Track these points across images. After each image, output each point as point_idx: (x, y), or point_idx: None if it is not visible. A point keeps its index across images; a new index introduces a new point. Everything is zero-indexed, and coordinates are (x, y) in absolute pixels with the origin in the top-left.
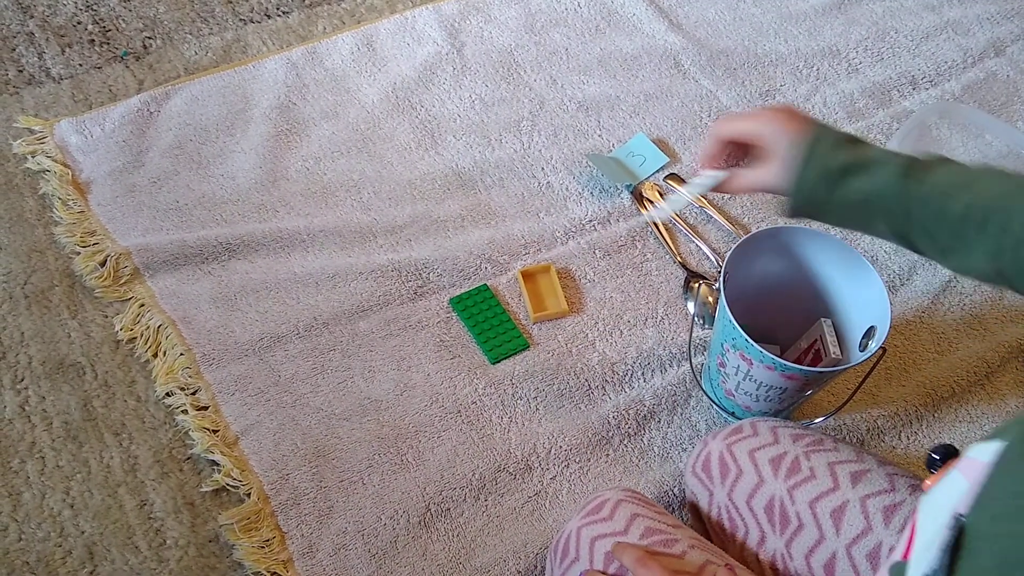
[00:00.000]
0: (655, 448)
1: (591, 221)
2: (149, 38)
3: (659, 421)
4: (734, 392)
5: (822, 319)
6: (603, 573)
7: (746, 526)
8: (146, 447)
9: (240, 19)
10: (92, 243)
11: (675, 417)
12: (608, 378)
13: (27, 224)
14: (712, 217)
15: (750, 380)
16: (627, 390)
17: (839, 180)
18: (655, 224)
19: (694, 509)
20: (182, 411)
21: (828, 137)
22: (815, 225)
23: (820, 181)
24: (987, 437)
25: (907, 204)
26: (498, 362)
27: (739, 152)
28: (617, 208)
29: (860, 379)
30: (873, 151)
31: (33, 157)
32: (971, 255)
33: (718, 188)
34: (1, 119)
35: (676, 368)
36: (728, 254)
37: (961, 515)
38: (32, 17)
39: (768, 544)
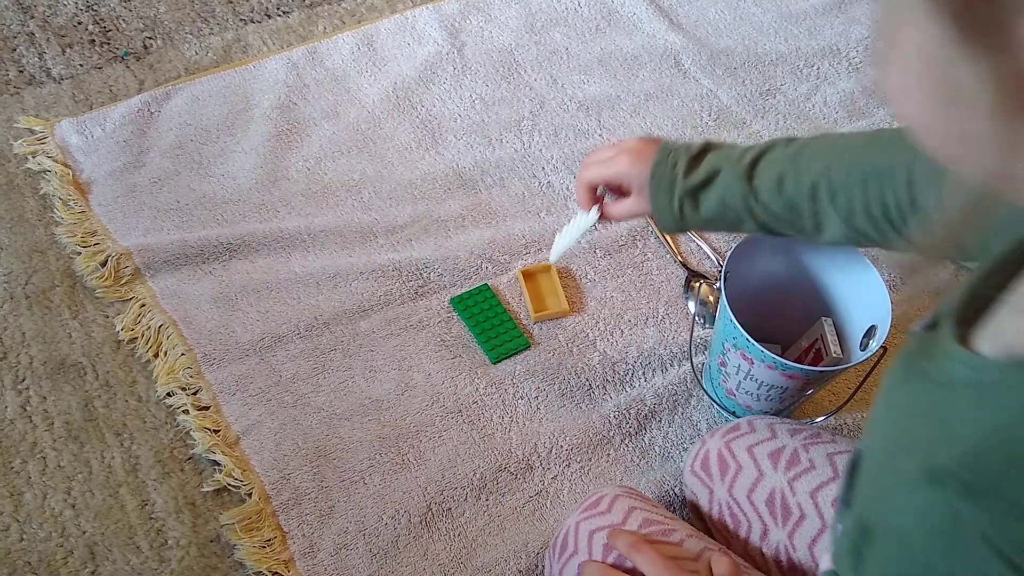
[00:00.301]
0: (656, 448)
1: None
2: (149, 38)
3: (660, 420)
4: (735, 392)
5: (823, 318)
6: (601, 563)
7: (748, 521)
8: (147, 447)
9: (240, 19)
10: (93, 243)
11: (676, 416)
12: (609, 377)
13: (28, 224)
14: None
15: (751, 380)
16: (628, 389)
17: (692, 199)
18: (654, 223)
19: (695, 509)
20: (183, 411)
21: (675, 161)
22: None
23: (676, 205)
24: None
25: (755, 203)
26: (499, 362)
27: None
28: None
29: (861, 378)
30: (717, 159)
31: (34, 157)
32: (828, 227)
33: (600, 219)
34: (2, 119)
35: (677, 367)
36: (728, 253)
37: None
38: (33, 17)
39: (771, 537)
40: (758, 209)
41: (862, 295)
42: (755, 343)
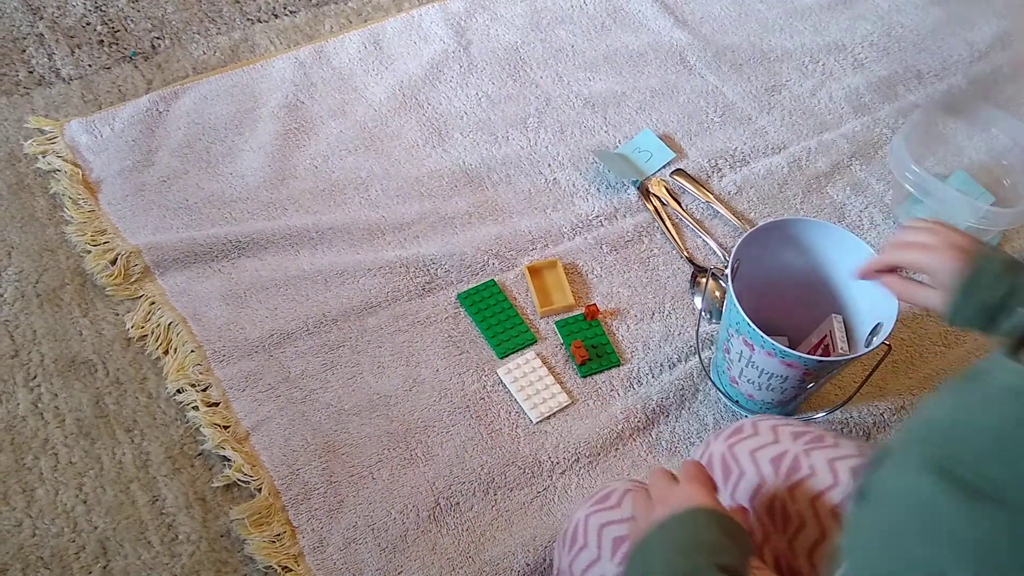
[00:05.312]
0: (663, 442)
1: (598, 217)
2: (157, 38)
3: (667, 415)
4: (738, 379)
5: (833, 315)
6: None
7: (750, 527)
8: (158, 443)
9: (248, 19)
10: (103, 242)
11: (683, 411)
12: (615, 372)
13: (38, 223)
14: (718, 212)
15: (752, 367)
16: (635, 385)
17: (996, 314)
18: (661, 219)
19: None
20: (193, 407)
21: (989, 270)
22: (824, 217)
23: (977, 316)
24: None
25: None
26: (506, 357)
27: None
28: (623, 204)
29: (867, 372)
30: None
31: (44, 157)
32: None
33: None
34: (12, 120)
35: (684, 363)
36: (739, 240)
37: None
38: (42, 18)
39: (772, 543)
40: None
41: (872, 294)
42: (756, 328)
